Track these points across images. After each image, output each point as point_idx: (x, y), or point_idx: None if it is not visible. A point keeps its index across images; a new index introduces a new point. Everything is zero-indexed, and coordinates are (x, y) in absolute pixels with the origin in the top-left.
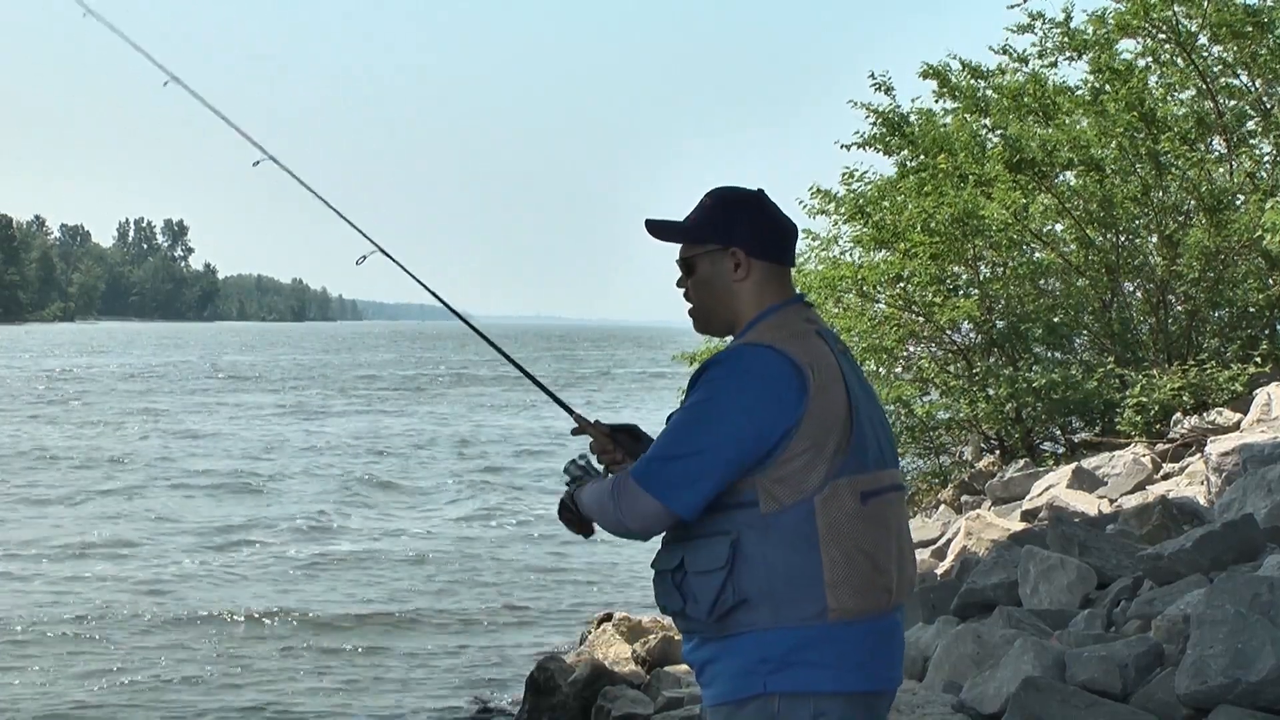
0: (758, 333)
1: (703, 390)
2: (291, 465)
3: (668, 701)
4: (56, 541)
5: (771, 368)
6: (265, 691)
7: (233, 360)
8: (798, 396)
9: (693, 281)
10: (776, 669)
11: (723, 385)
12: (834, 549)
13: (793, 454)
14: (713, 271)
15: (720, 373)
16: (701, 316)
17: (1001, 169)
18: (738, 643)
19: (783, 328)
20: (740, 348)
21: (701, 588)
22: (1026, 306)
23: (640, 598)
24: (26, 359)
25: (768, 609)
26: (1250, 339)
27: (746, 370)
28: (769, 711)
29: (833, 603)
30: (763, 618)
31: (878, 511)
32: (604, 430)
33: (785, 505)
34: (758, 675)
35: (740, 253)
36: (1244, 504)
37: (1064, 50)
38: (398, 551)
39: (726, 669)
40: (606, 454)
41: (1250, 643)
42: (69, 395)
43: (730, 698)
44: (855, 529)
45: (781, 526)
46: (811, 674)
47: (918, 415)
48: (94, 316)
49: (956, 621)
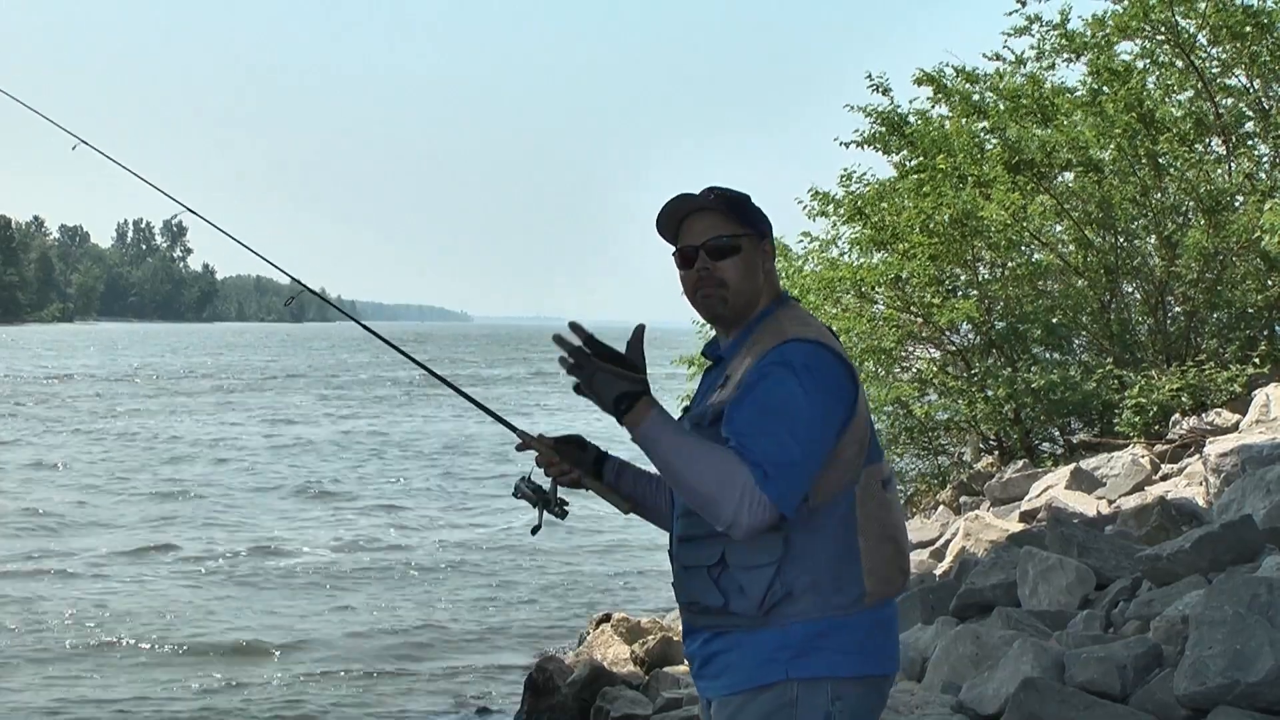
0: (793, 325)
1: (782, 389)
2: (275, 468)
3: (667, 702)
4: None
5: (831, 365)
6: (265, 691)
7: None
8: (853, 391)
9: (734, 262)
10: (796, 655)
11: (802, 384)
12: (870, 535)
13: (845, 446)
14: (753, 256)
15: (797, 371)
16: (735, 300)
17: (1000, 170)
18: (765, 633)
19: (811, 324)
20: (796, 345)
21: (751, 582)
22: (1025, 307)
23: (640, 598)
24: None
25: (811, 599)
26: (1249, 340)
27: (819, 369)
28: (787, 697)
29: (870, 588)
30: (806, 608)
31: (894, 497)
32: (548, 443)
33: (832, 497)
34: (778, 663)
35: (769, 245)
36: (1243, 505)
37: (1061, 53)
38: (393, 554)
39: (743, 659)
40: (554, 466)
41: (1249, 644)
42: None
43: (746, 685)
44: (883, 514)
45: (828, 517)
46: (831, 659)
47: (917, 416)
48: (93, 317)
49: (955, 622)
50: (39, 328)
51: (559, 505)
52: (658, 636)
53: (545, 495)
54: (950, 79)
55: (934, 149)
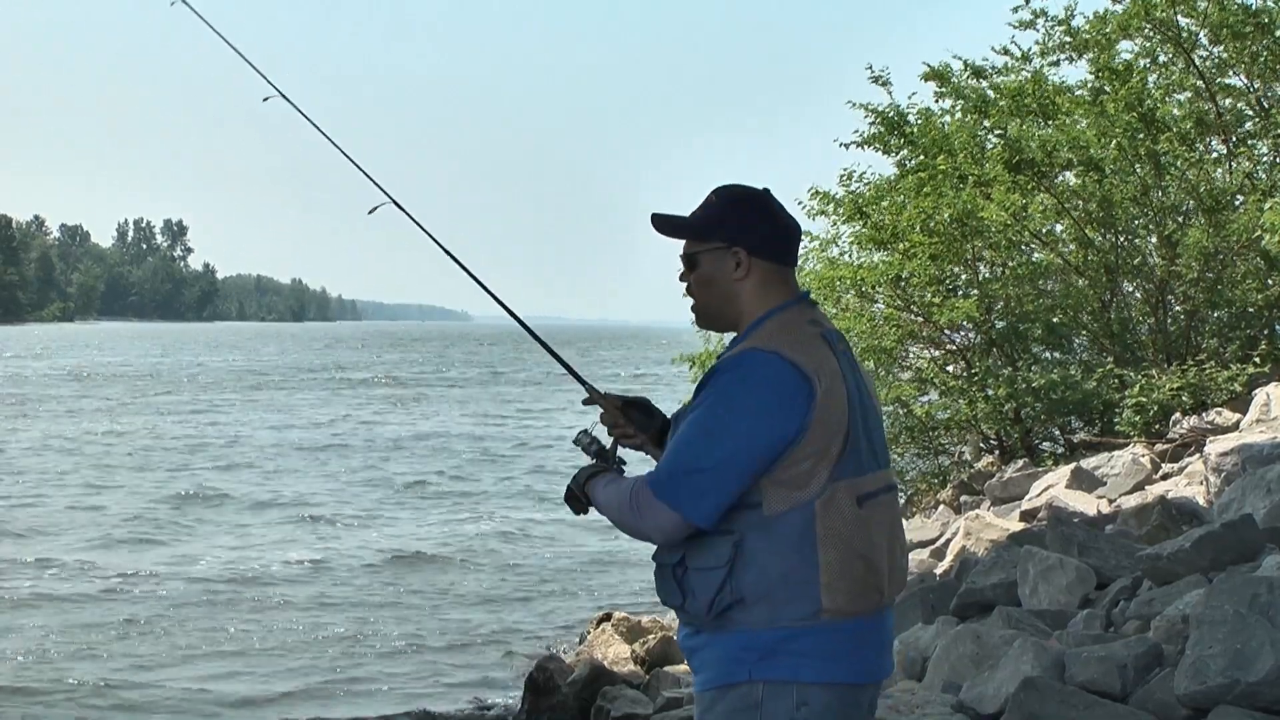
0: (764, 336)
1: (715, 397)
2: (272, 463)
3: (667, 701)
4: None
5: (781, 375)
6: (263, 691)
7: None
8: (805, 404)
9: (695, 278)
10: (762, 657)
11: (736, 393)
12: (831, 551)
13: (798, 459)
14: (715, 269)
15: (731, 380)
16: (703, 313)
17: (1001, 169)
18: (726, 634)
19: (788, 331)
20: (749, 354)
21: (701, 584)
22: (1026, 307)
23: (640, 598)
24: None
25: (763, 609)
26: (1249, 339)
27: (757, 379)
28: (753, 698)
29: (827, 604)
30: (757, 617)
31: (872, 514)
32: (615, 403)
33: (788, 508)
34: (744, 663)
35: (742, 252)
36: (1243, 504)
37: (1065, 49)
38: (394, 553)
39: (715, 656)
40: (618, 427)
41: (1249, 643)
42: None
43: (716, 683)
44: (852, 532)
45: (783, 528)
46: (796, 663)
47: (917, 415)
48: (93, 317)
49: (956, 622)
50: (39, 327)
51: (619, 463)
52: (658, 636)
53: (605, 451)
54: (957, 74)
55: (934, 149)
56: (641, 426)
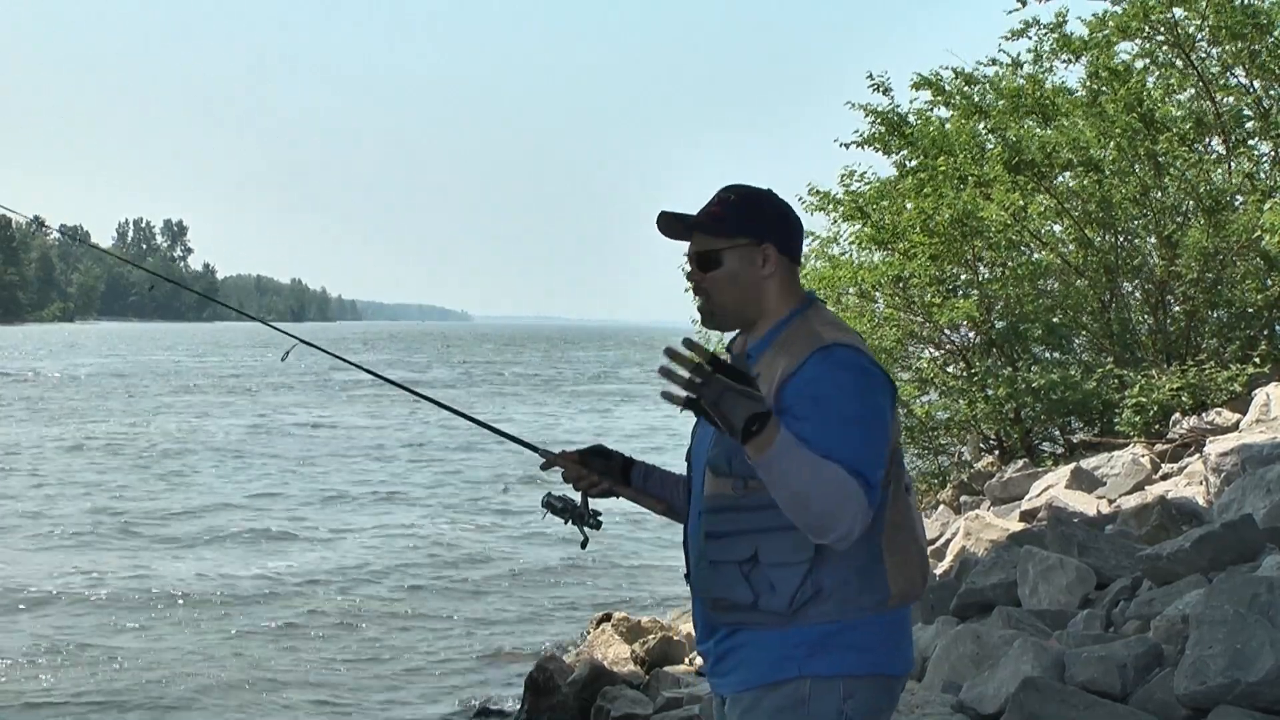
0: (829, 329)
1: (855, 396)
2: (275, 465)
3: (667, 702)
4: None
5: (875, 370)
6: (263, 691)
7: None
8: (892, 397)
9: (717, 275)
10: (811, 653)
11: (865, 391)
12: (895, 538)
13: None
14: (740, 267)
15: (856, 378)
16: (719, 312)
17: (1001, 170)
18: (784, 630)
19: (842, 328)
20: (838, 349)
21: (782, 580)
22: (1025, 307)
23: (640, 598)
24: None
25: (838, 599)
26: (1249, 339)
27: (871, 375)
28: (800, 695)
29: (894, 589)
30: (832, 608)
31: (915, 502)
32: (573, 458)
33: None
34: (793, 660)
35: (771, 249)
36: (1243, 504)
37: (1059, 54)
38: (395, 552)
39: (758, 655)
40: (583, 479)
41: (1249, 643)
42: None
43: (759, 682)
44: (907, 517)
45: None
46: (845, 657)
47: (917, 416)
48: (93, 317)
49: (956, 622)
50: (40, 327)
51: (592, 516)
52: (658, 636)
53: (577, 509)
54: (948, 82)
55: (934, 149)
56: (604, 472)
